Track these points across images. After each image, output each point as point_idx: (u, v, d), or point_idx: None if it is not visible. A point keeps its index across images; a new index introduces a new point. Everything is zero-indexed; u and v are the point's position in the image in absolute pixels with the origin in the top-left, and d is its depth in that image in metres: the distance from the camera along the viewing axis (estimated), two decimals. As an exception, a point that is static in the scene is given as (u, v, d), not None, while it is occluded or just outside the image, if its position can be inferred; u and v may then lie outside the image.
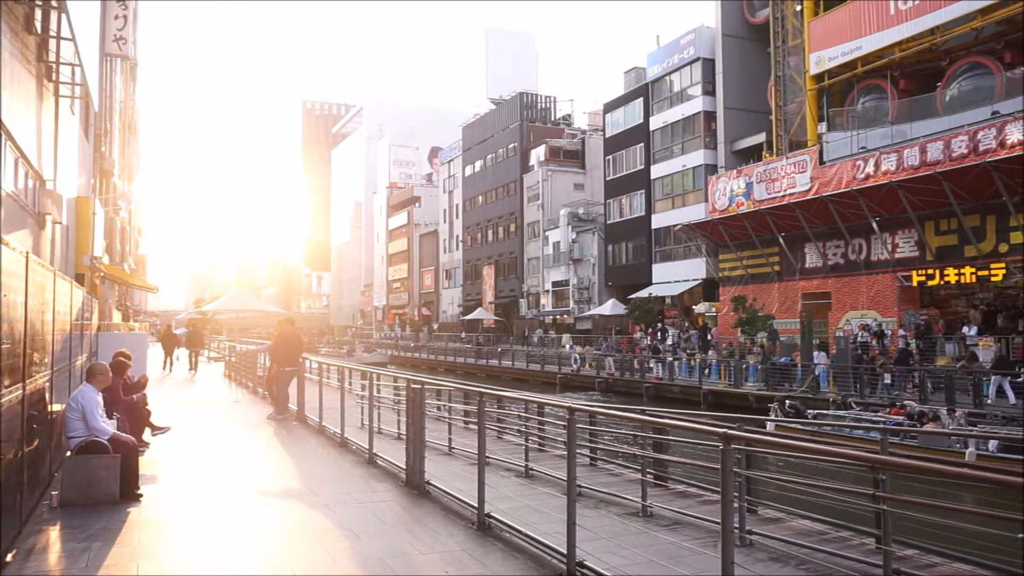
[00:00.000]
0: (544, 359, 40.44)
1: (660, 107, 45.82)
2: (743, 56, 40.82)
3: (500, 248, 66.43)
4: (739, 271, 35.98)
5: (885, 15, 30.49)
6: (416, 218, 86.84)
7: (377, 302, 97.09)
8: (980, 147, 25.13)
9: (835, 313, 30.99)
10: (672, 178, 44.50)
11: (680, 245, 42.56)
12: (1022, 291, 25.63)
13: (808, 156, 32.33)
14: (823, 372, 24.51)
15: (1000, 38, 28.18)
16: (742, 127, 40.56)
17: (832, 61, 32.93)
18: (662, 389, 29.95)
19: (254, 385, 19.12)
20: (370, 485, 8.29)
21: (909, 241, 28.31)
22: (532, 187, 61.52)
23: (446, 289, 78.61)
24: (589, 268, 53.03)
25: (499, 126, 68.47)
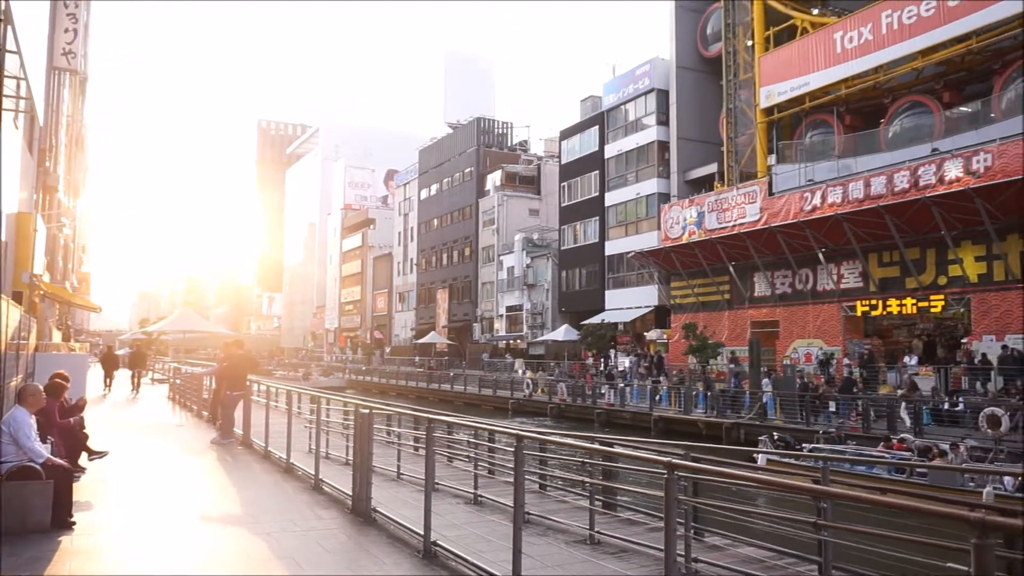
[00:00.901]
0: (496, 384, 40.33)
1: (615, 135, 46.50)
2: (696, 88, 41.73)
3: (454, 272, 66.33)
4: (690, 299, 36.48)
5: (832, 53, 31.50)
6: (370, 240, 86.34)
7: (329, 324, 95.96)
8: (920, 182, 26.00)
9: (783, 341, 31.57)
10: (626, 206, 45.06)
11: (633, 272, 43.02)
12: (960, 322, 26.45)
13: (758, 187, 33.06)
14: (770, 399, 24.87)
15: (939, 78, 29.33)
16: (695, 157, 41.35)
17: (781, 96, 33.84)
18: (613, 415, 30.05)
19: (199, 408, 18.65)
20: (315, 512, 8.12)
21: (854, 272, 29.05)
22: (488, 212, 61.70)
23: (399, 312, 78.11)
24: (543, 293, 53.23)
25: (456, 150, 68.68)
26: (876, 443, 17.44)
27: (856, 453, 16.04)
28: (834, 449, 16.68)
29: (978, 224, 23.77)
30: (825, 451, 16.01)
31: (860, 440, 18.71)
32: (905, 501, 2.85)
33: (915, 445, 15.94)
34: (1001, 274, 24.05)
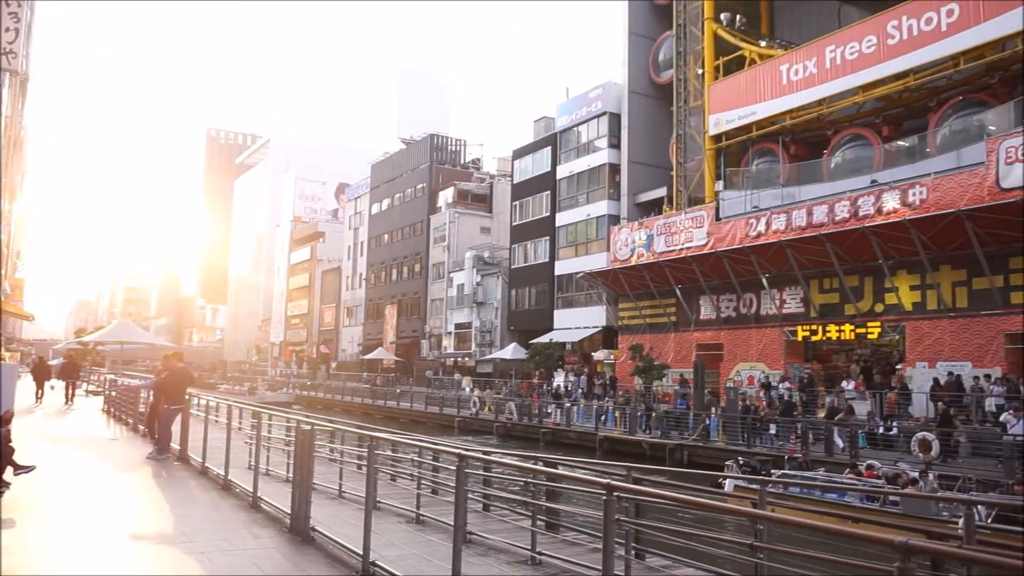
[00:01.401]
0: (443, 402, 40.09)
1: (567, 157, 46.96)
2: (648, 113, 42.46)
3: (404, 288, 65.94)
4: (638, 320, 36.88)
5: (778, 84, 32.40)
6: (319, 254, 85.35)
7: (274, 338, 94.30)
8: (860, 212, 26.83)
9: (726, 364, 32.11)
10: (576, 226, 45.46)
11: (582, 292, 43.35)
12: (895, 349, 27.28)
13: (705, 212, 33.69)
14: (713, 421, 25.24)
15: (879, 113, 30.42)
16: (645, 181, 41.99)
17: (729, 124, 34.64)
18: (559, 435, 30.12)
19: (134, 422, 18.10)
20: (251, 531, 7.94)
21: (795, 298, 29.76)
22: (439, 228, 61.59)
23: (347, 327, 77.22)
24: (492, 312, 53.23)
25: (408, 166, 68.52)
26: (843, 469, 17.17)
27: (827, 480, 15.69)
28: (804, 476, 16.24)
29: (913, 254, 24.59)
30: (796, 478, 15.90)
31: (828, 466, 18.18)
32: (834, 526, 2.92)
33: (882, 472, 15.51)
34: (934, 303, 24.90)
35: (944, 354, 24.41)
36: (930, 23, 26.79)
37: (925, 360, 24.89)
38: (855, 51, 29.34)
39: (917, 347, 25.28)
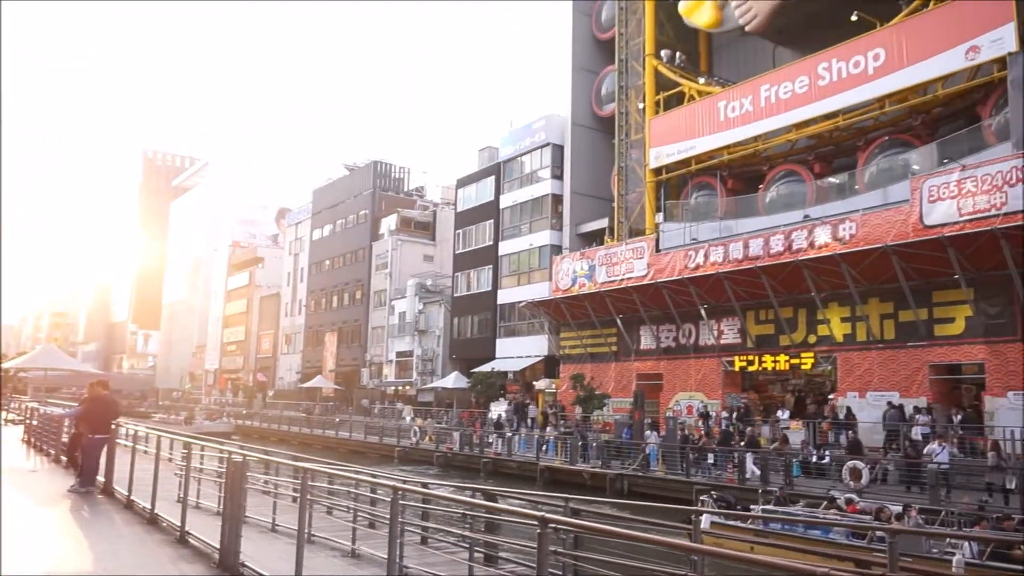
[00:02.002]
0: (383, 431, 39.52)
1: (511, 186, 47.31)
2: (590, 145, 43.13)
3: (344, 315, 65.12)
4: (579, 349, 37.10)
5: (716, 120, 33.32)
6: (258, 279, 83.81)
7: (209, 365, 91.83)
8: (794, 246, 27.63)
9: (666, 394, 32.49)
10: (519, 256, 45.69)
11: (524, 321, 43.46)
12: (828, 379, 28.02)
13: (646, 243, 34.25)
14: (653, 451, 25.44)
15: (811, 150, 31.52)
16: (587, 211, 42.52)
17: (669, 157, 35.41)
18: (500, 464, 29.96)
19: (56, 453, 17.33)
20: (178, 566, 7.64)
21: (733, 328, 30.37)
22: (381, 255, 61.18)
23: (285, 355, 75.74)
24: (434, 340, 52.93)
25: (351, 192, 68.07)
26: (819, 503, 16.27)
27: (808, 515, 15.06)
28: (787, 512, 15.56)
29: (844, 287, 25.39)
30: (779, 513, 15.30)
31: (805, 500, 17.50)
32: (767, 558, 2.95)
33: (871, 508, 14.90)
34: (863, 335, 25.70)
35: (873, 384, 25.16)
36: (858, 66, 27.99)
37: (856, 390, 25.61)
38: (788, 91, 30.41)
39: (848, 377, 26.01)
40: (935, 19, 25.90)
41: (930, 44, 25.81)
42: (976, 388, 23.48)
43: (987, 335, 22.53)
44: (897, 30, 26.97)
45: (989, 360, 22.36)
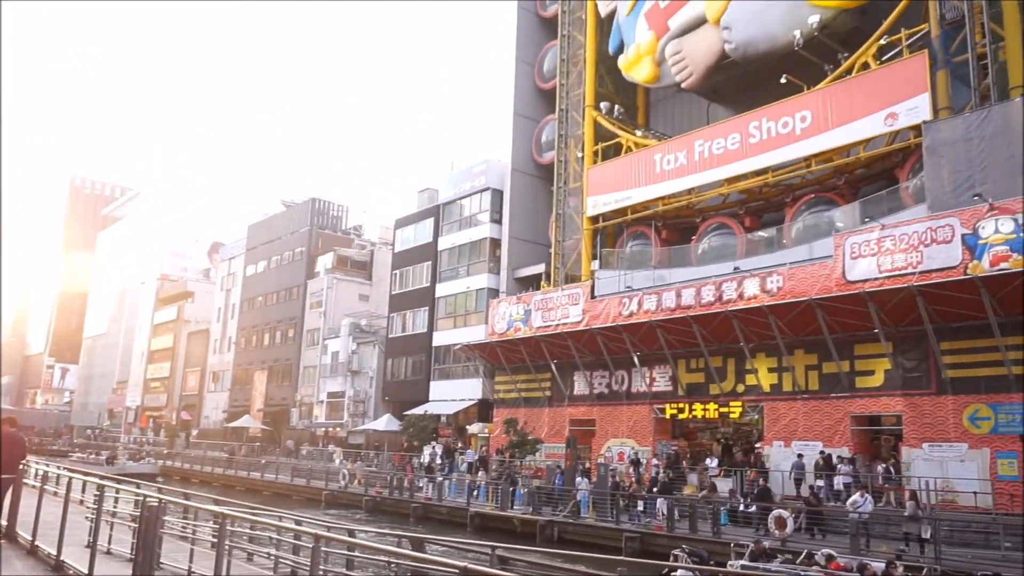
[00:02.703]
0: (311, 474, 38.52)
1: (450, 229, 47.46)
2: (529, 191, 43.70)
3: (275, 353, 63.70)
4: (513, 394, 37.06)
5: (652, 172, 34.22)
6: (187, 314, 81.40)
7: (131, 402, 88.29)
8: (724, 296, 28.35)
9: (598, 440, 32.61)
10: (456, 298, 45.66)
11: (459, 364, 43.25)
12: (755, 428, 28.60)
13: (581, 290, 34.66)
14: (584, 497, 25.42)
15: (742, 205, 32.60)
16: (524, 256, 42.89)
17: (606, 206, 36.13)
18: (430, 510, 29.46)
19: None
20: (83, 618, 7.25)
21: (664, 376, 30.81)
22: (316, 293, 60.33)
23: (212, 393, 73.45)
24: (367, 381, 52.16)
25: (288, 228, 67.20)
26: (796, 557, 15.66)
27: (790, 572, 14.44)
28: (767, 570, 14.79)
29: (771, 338, 26.10)
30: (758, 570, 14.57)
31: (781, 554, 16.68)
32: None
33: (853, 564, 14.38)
34: (789, 385, 26.39)
35: (798, 434, 25.78)
36: (786, 127, 29.24)
37: (782, 439, 26.18)
38: (721, 147, 31.50)
39: (774, 427, 26.60)
40: (857, 86, 27.32)
41: (853, 109, 27.17)
42: (895, 439, 24.31)
43: (904, 388, 23.41)
44: (823, 94, 28.34)
45: (906, 412, 23.20)
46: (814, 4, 28.73)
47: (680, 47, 33.74)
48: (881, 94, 26.36)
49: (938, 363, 22.50)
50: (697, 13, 32.98)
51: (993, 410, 21.38)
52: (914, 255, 23.26)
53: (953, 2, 24.92)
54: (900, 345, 23.70)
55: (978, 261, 21.78)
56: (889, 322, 23.35)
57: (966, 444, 21.65)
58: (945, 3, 25.16)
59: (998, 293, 20.61)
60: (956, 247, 22.34)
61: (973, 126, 23.08)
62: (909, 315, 22.61)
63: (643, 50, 35.42)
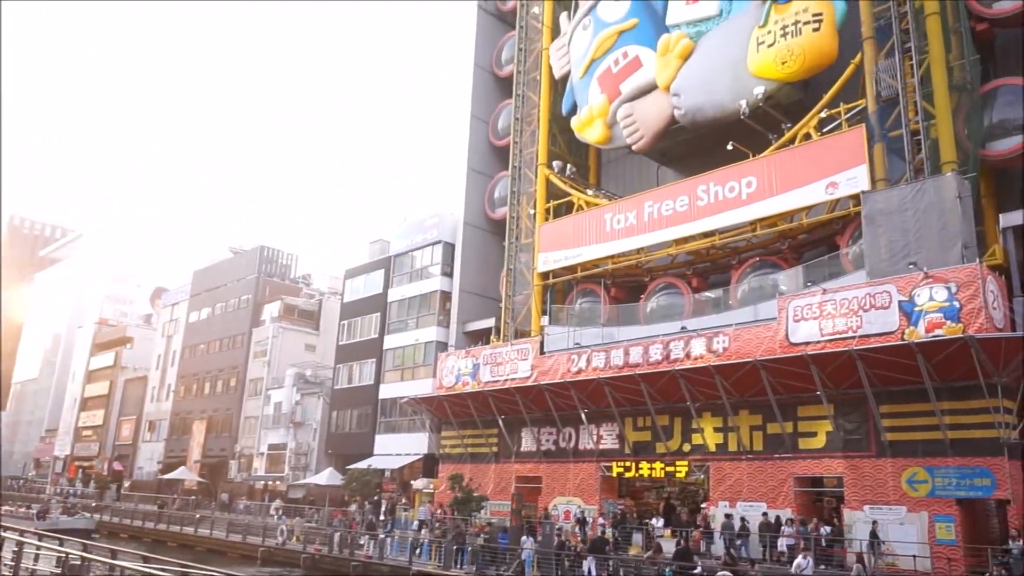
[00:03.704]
0: (247, 529, 37.22)
1: (400, 281, 47.30)
2: (481, 245, 43.94)
3: (216, 403, 61.98)
4: (459, 449, 36.58)
5: (602, 231, 34.75)
6: (125, 360, 78.97)
7: (60, 451, 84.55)
8: (671, 355, 28.66)
9: (545, 497, 32.27)
10: (404, 350, 45.26)
11: (406, 418, 42.65)
12: (701, 488, 28.67)
13: (530, 345, 34.69)
14: (528, 556, 25.02)
15: (689, 265, 33.24)
16: (474, 310, 42.87)
17: (557, 263, 36.48)
18: (371, 568, 28.63)
19: None
20: None
21: (612, 434, 30.81)
22: (261, 342, 59.18)
23: (147, 443, 70.86)
24: (310, 433, 50.99)
25: (235, 275, 66.14)
26: None
27: None
28: None
29: (717, 398, 26.38)
30: None
31: None
32: None
33: None
34: (734, 445, 26.62)
35: (743, 494, 25.91)
36: (733, 191, 30.10)
37: (727, 499, 26.27)
38: (670, 208, 32.22)
39: (720, 487, 26.70)
40: (800, 155, 28.37)
41: (796, 177, 28.16)
42: (836, 501, 24.60)
43: (845, 450, 23.81)
44: (767, 162, 29.33)
45: (847, 474, 23.55)
46: (759, 76, 29.91)
47: (631, 111, 34.68)
48: (822, 164, 27.39)
49: (877, 426, 22.98)
50: (648, 79, 34.02)
51: (930, 473, 21.86)
52: (854, 319, 23.92)
53: (888, 81, 26.22)
54: (841, 407, 24.18)
55: (914, 327, 22.49)
56: (831, 384, 23.85)
57: (905, 507, 22.02)
58: (881, 82, 26.44)
59: (933, 359, 21.25)
60: (893, 313, 23.06)
61: (908, 198, 24.10)
62: (850, 378, 23.13)
63: (595, 112, 36.29)
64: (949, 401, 21.81)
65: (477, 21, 46.68)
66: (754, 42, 30.12)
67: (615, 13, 36.06)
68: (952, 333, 21.38)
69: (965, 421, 21.53)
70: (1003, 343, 20.39)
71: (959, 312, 21.69)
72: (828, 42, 28.45)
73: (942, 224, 23.28)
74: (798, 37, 28.84)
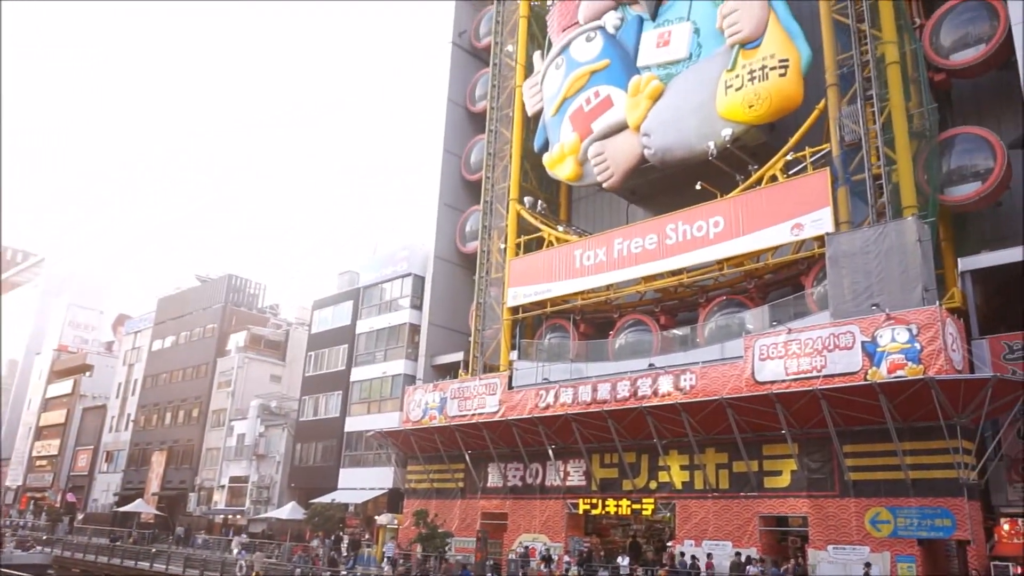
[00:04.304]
0: (205, 564, 36.29)
1: (369, 312, 47.02)
2: (451, 279, 43.89)
3: (177, 433, 60.70)
4: (425, 484, 36.17)
5: (572, 267, 34.95)
6: (84, 388, 77.12)
7: (11, 481, 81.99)
8: (639, 392, 28.75)
9: (510, 534, 31.96)
10: (372, 383, 44.86)
11: (371, 452, 42.14)
12: (667, 525, 28.61)
13: (499, 380, 34.57)
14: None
15: (657, 303, 33.49)
16: (443, 344, 42.68)
17: (526, 298, 36.55)
18: (332, 607, 28.04)
19: None
20: None
21: (579, 470, 30.69)
22: (225, 372, 58.26)
23: (104, 473, 69.03)
24: (273, 466, 50.10)
25: (201, 304, 65.27)
26: None
27: None
28: None
29: (684, 435, 26.47)
30: None
31: None
32: None
33: None
34: (701, 483, 26.67)
35: (709, 533, 25.91)
36: (700, 230, 30.50)
37: (693, 538, 26.24)
38: (639, 246, 32.54)
39: (686, 525, 26.67)
40: (766, 196, 28.90)
41: (762, 218, 28.63)
42: (801, 540, 24.69)
43: (810, 489, 23.97)
44: (735, 202, 29.82)
45: (812, 514, 23.68)
46: (727, 119, 30.53)
47: (602, 149, 35.14)
48: (788, 205, 27.91)
49: (841, 465, 23.20)
50: (619, 118, 34.55)
51: (892, 513, 22.08)
52: (818, 359, 24.24)
53: (851, 126, 26.92)
54: (806, 447, 24.38)
55: (877, 368, 22.84)
56: (796, 424, 24.06)
57: (868, 547, 22.17)
58: (844, 127, 27.14)
59: (895, 399, 21.58)
60: (857, 354, 23.41)
61: (871, 240, 24.61)
62: (814, 417, 23.38)
63: (567, 150, 36.70)
64: (911, 442, 22.13)
65: (451, 58, 47.17)
66: (723, 85, 30.79)
67: (587, 53, 36.68)
68: (913, 374, 21.74)
69: (926, 462, 21.85)
70: (962, 385, 20.77)
71: (920, 354, 22.09)
72: (794, 87, 29.19)
73: (903, 267, 23.79)
74: (765, 82, 29.54)
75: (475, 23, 47.89)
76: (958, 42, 26.78)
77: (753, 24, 30.39)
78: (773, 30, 30.03)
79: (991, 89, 27.64)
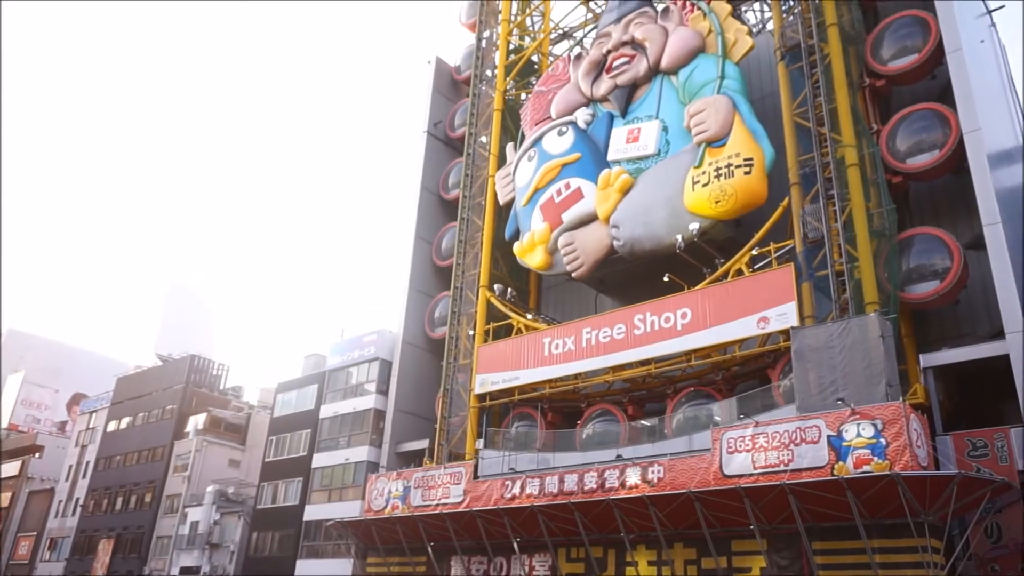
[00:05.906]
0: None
1: (334, 397, 46.20)
2: (419, 364, 43.40)
3: (127, 520, 58.20)
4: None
5: (540, 355, 34.86)
6: (32, 470, 74.12)
7: (-55, 570, 77.60)
8: (607, 484, 28.25)
9: (472, 633, 30.72)
10: (333, 470, 43.69)
11: (330, 542, 40.68)
12: (634, 625, 27.69)
13: (464, 469, 33.85)
14: None
15: (625, 393, 33.39)
16: (409, 430, 41.86)
17: (494, 385, 36.22)
18: None
19: None
20: None
21: (544, 564, 29.83)
22: (183, 456, 56.47)
23: (45, 562, 65.61)
24: (227, 556, 48.06)
25: (161, 384, 63.78)
26: None
27: None
28: None
29: (652, 529, 25.94)
30: None
31: None
32: None
33: None
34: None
35: (677, 633, 25.12)
36: (668, 322, 30.76)
37: (660, 639, 25.40)
38: (607, 336, 32.65)
39: (653, 624, 25.86)
40: (732, 290, 29.35)
41: (728, 311, 28.99)
42: (770, 642, 24.02)
43: (779, 587, 23.48)
44: (702, 295, 30.21)
45: (781, 614, 23.12)
46: (694, 213, 31.27)
47: (572, 239, 35.64)
48: (753, 299, 28.34)
49: (811, 562, 22.84)
50: (589, 210, 35.21)
51: (862, 614, 21.64)
52: (785, 453, 24.12)
53: (814, 224, 27.70)
54: (775, 543, 24.02)
55: (843, 463, 22.76)
56: (764, 519, 23.76)
57: (838, 650, 21.62)
58: (807, 224, 27.91)
59: (863, 495, 21.47)
60: (823, 448, 23.35)
61: (835, 335, 24.96)
62: (783, 512, 23.11)
63: (537, 239, 37.16)
64: (880, 539, 21.92)
65: (426, 146, 48.05)
66: (690, 181, 31.66)
67: (559, 146, 37.65)
68: (880, 470, 21.69)
69: (896, 560, 21.60)
70: (928, 481, 20.77)
71: (886, 449, 22.11)
72: (758, 185, 30.11)
73: (867, 362, 24.07)
74: (731, 179, 30.45)
75: (450, 114, 49.09)
76: (913, 147, 27.98)
77: (719, 124, 31.53)
78: (738, 130, 31.16)
79: (947, 192, 28.75)
